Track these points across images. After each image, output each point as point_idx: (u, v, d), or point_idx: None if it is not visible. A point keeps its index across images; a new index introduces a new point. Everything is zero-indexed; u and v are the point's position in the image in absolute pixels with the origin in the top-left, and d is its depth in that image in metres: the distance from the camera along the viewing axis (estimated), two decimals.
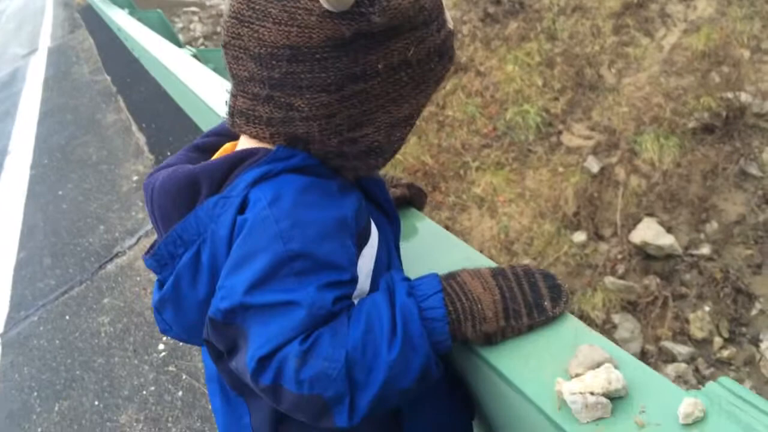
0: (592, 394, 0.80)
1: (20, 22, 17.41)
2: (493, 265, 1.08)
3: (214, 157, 0.98)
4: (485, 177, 5.09)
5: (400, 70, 0.86)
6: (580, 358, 0.87)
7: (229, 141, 1.00)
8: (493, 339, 0.88)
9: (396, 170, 5.50)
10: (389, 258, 1.05)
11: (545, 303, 0.92)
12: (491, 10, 6.34)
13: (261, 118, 0.89)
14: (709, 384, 0.77)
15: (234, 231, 0.84)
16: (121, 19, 6.27)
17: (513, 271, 0.92)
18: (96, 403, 2.87)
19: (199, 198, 0.90)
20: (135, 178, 4.67)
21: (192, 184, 0.92)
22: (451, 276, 0.89)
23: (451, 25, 0.95)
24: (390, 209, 1.10)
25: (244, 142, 0.95)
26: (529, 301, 0.91)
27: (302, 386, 0.78)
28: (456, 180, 5.22)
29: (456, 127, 5.63)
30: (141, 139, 5.21)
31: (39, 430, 2.84)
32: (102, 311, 3.40)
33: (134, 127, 5.56)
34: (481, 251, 4.28)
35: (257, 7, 0.82)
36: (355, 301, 0.93)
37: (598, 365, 0.85)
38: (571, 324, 0.96)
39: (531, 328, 0.90)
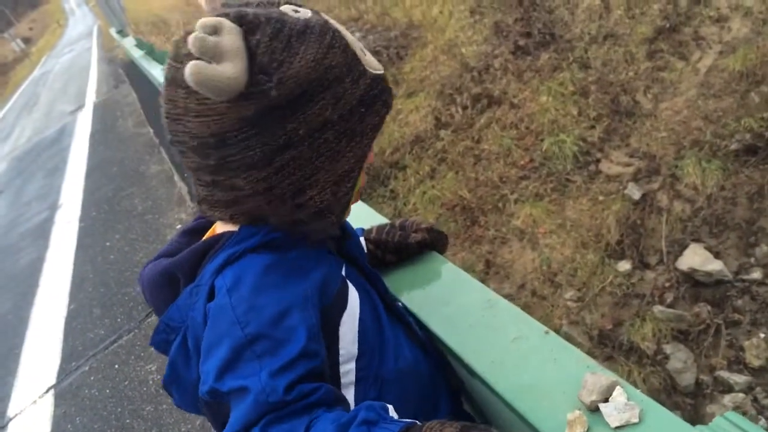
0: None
1: (67, 81, 18.13)
2: (512, 307, 1.09)
3: (204, 238, 1.03)
4: (524, 209, 5.06)
5: (325, 130, 0.88)
6: (588, 387, 0.89)
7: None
8: None
9: (434, 206, 5.51)
10: (377, 317, 1.07)
11: None
12: (522, 42, 6.36)
13: (218, 201, 0.95)
14: (717, 419, 0.77)
15: (206, 318, 0.89)
16: (161, 75, 6.48)
17: None
18: None
19: (179, 288, 0.98)
20: (179, 226, 4.78)
21: (169, 277, 1.00)
22: None
23: (376, 70, 0.96)
24: (367, 268, 1.13)
25: (219, 224, 1.02)
26: None
27: None
28: (495, 213, 5.20)
29: (492, 160, 5.63)
30: (183, 188, 5.35)
31: None
32: (149, 359, 3.46)
33: (176, 177, 5.70)
34: (523, 285, 4.22)
35: (179, 104, 0.87)
36: (344, 369, 0.97)
37: (608, 389, 0.88)
38: (570, 354, 0.98)
39: None
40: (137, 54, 9.03)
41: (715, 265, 3.91)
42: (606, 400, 0.87)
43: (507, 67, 6.28)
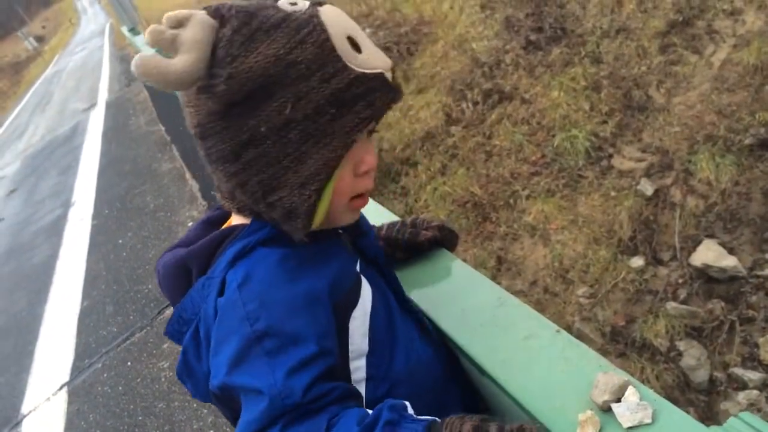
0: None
1: (79, 79, 18.22)
2: (523, 305, 1.08)
3: (223, 227, 1.04)
4: (536, 205, 5.03)
5: (288, 129, 0.85)
6: (601, 387, 0.89)
7: None
8: None
9: (445, 202, 5.49)
10: (389, 314, 1.06)
11: None
12: (533, 37, 6.32)
13: (224, 192, 0.98)
14: (731, 419, 0.76)
15: (216, 312, 0.89)
16: None
17: None
18: None
19: (193, 279, 0.98)
20: (190, 223, 4.80)
21: (183, 268, 0.99)
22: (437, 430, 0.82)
23: (368, 69, 0.90)
24: (382, 264, 1.14)
25: (235, 216, 1.03)
26: None
27: None
28: (506, 209, 5.18)
29: (504, 156, 5.60)
30: (194, 186, 5.37)
31: None
32: (162, 356, 3.48)
33: (188, 175, 5.73)
34: (535, 281, 4.20)
35: (183, 96, 0.90)
36: (354, 365, 0.96)
37: (621, 389, 0.87)
38: (582, 353, 0.97)
39: None
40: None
41: (729, 261, 3.88)
42: (618, 400, 0.86)
43: (518, 62, 6.24)
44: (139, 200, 5.95)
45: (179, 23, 0.84)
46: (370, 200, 1.72)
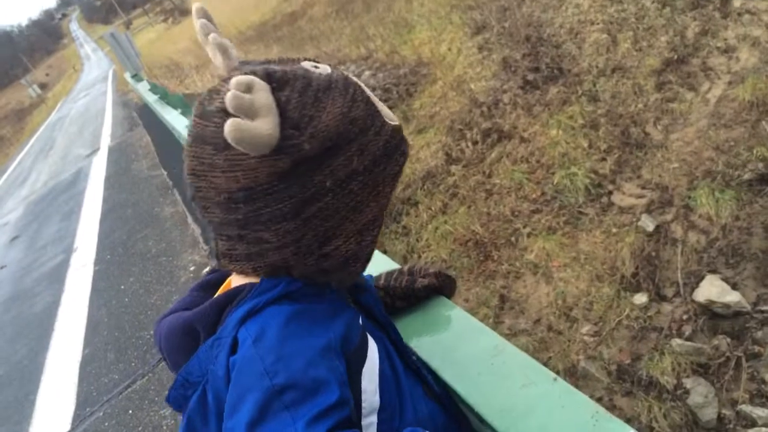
0: None
1: (82, 125, 18.39)
2: (521, 353, 1.09)
3: (218, 292, 1.04)
4: (537, 242, 5.04)
5: (350, 181, 0.90)
6: None
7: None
8: None
9: (447, 241, 5.49)
10: (393, 369, 1.07)
11: None
12: (530, 77, 6.41)
13: (240, 255, 0.95)
14: None
15: (228, 372, 0.88)
16: (174, 120, 6.57)
17: None
18: None
19: (200, 341, 0.97)
20: (192, 268, 4.81)
21: (190, 330, 0.98)
22: None
23: (393, 121, 0.99)
24: (384, 320, 1.14)
25: (236, 278, 1.01)
26: None
27: None
28: (508, 247, 5.18)
29: (504, 194, 5.63)
30: (196, 230, 5.38)
31: None
32: (163, 404, 3.44)
33: (189, 219, 5.75)
34: (539, 320, 4.16)
35: (205, 161, 0.88)
36: (366, 421, 0.95)
37: None
38: (578, 400, 0.97)
39: None
40: (152, 98, 9.21)
41: (732, 297, 3.86)
42: None
43: (516, 101, 6.31)
44: (141, 245, 5.97)
45: (248, 88, 0.85)
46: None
